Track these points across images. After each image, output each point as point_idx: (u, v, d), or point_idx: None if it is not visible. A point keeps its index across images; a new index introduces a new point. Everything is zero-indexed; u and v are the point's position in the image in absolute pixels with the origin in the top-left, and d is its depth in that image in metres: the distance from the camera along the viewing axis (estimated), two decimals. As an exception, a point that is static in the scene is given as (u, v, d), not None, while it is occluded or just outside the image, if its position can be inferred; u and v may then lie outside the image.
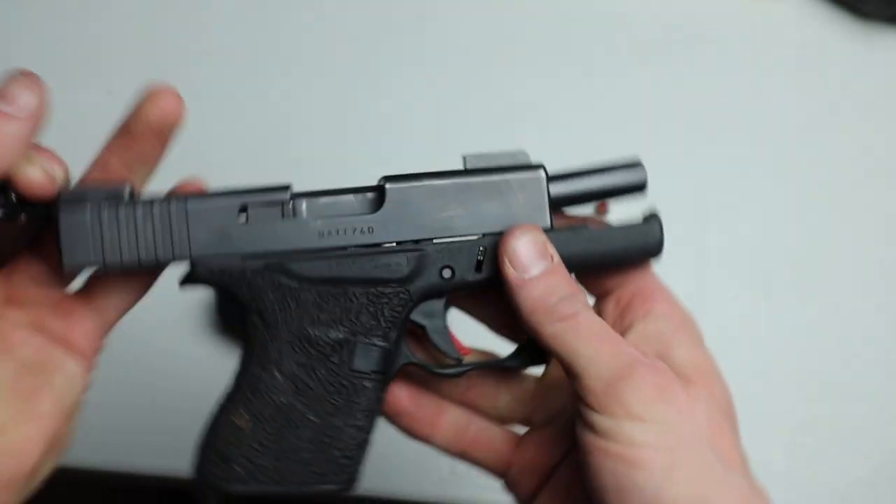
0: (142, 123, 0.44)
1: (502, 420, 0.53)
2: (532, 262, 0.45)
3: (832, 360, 0.78)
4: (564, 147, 0.80)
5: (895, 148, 0.85)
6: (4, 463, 0.41)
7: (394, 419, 0.51)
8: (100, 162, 0.46)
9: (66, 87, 0.47)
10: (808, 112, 0.85)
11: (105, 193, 0.44)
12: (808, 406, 0.76)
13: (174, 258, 0.45)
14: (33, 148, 0.41)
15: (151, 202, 0.44)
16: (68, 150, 0.44)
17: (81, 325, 0.46)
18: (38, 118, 0.40)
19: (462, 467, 0.72)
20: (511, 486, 0.52)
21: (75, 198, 0.44)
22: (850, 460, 0.75)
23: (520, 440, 0.52)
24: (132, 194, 0.45)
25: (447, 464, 0.72)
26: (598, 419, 0.43)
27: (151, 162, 0.45)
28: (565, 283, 0.45)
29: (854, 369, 0.78)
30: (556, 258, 0.45)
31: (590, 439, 0.43)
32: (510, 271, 0.45)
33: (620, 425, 0.42)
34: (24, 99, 0.40)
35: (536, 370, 0.52)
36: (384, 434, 0.49)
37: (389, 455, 0.50)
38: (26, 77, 0.40)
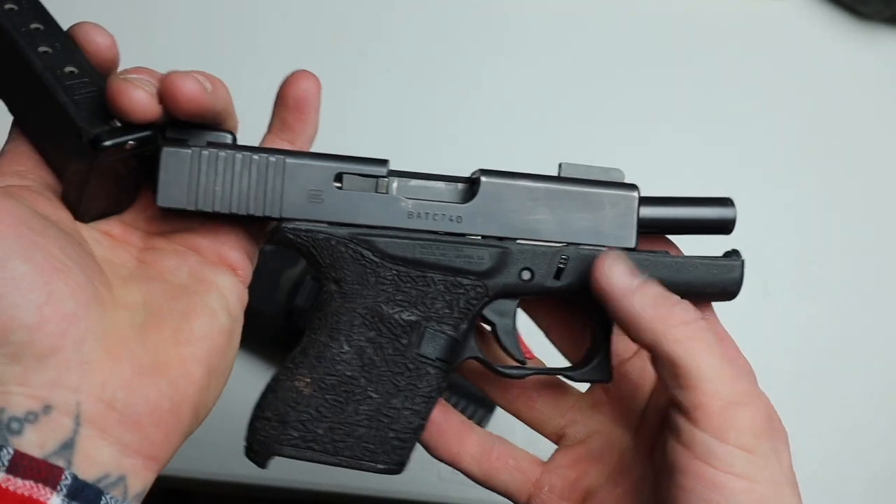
0: (287, 104, 0.46)
1: (536, 427, 0.52)
2: (633, 274, 0.45)
3: (832, 360, 0.78)
4: (563, 146, 0.80)
5: (894, 147, 0.85)
6: (164, 386, 0.40)
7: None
8: (265, 144, 0.47)
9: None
10: (807, 112, 0.85)
11: (208, 137, 0.44)
12: (807, 406, 0.76)
13: (265, 214, 0.45)
14: (132, 70, 0.42)
15: (252, 152, 0.45)
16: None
17: (230, 240, 0.45)
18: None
19: (462, 467, 0.72)
20: None
21: (178, 137, 0.44)
22: (850, 460, 0.75)
23: (548, 461, 0.52)
24: (234, 141, 0.45)
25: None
26: (704, 440, 0.42)
27: (308, 135, 0.47)
28: (670, 292, 0.45)
29: (854, 369, 0.78)
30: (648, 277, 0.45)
31: (687, 460, 0.42)
32: (614, 283, 0.44)
33: (726, 451, 0.42)
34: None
35: (580, 386, 0.52)
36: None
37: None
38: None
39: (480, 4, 0.87)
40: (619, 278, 0.44)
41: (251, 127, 0.56)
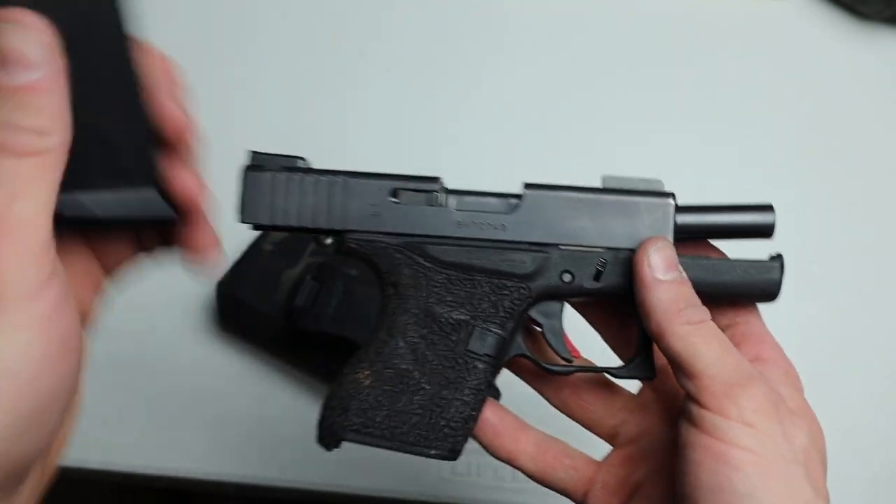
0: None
1: (590, 428, 0.55)
2: (667, 268, 0.48)
3: (832, 360, 0.78)
4: (563, 146, 0.80)
5: (894, 147, 0.85)
6: None
7: (479, 430, 0.53)
8: None
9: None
10: (807, 112, 0.86)
11: (282, 162, 0.50)
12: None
13: (331, 226, 0.50)
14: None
15: (318, 174, 0.50)
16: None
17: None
18: (60, 66, 0.36)
19: (462, 467, 0.72)
20: None
21: (258, 162, 0.50)
22: (850, 460, 0.75)
23: (604, 460, 0.54)
24: (305, 164, 0.50)
25: (447, 463, 0.72)
26: (710, 417, 0.45)
27: None
28: (693, 295, 0.48)
29: (854, 369, 0.78)
30: (685, 275, 0.48)
31: (695, 436, 0.45)
32: (647, 270, 0.47)
33: (731, 426, 0.44)
34: (37, 52, 0.33)
35: (632, 387, 0.54)
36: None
37: (390, 455, 0.50)
38: (22, 26, 0.34)
39: (480, 4, 0.87)
40: (655, 266, 0.47)
41: (251, 127, 0.56)
